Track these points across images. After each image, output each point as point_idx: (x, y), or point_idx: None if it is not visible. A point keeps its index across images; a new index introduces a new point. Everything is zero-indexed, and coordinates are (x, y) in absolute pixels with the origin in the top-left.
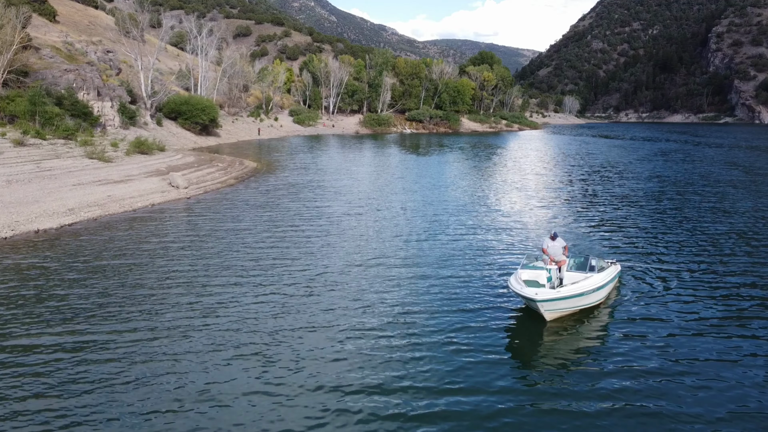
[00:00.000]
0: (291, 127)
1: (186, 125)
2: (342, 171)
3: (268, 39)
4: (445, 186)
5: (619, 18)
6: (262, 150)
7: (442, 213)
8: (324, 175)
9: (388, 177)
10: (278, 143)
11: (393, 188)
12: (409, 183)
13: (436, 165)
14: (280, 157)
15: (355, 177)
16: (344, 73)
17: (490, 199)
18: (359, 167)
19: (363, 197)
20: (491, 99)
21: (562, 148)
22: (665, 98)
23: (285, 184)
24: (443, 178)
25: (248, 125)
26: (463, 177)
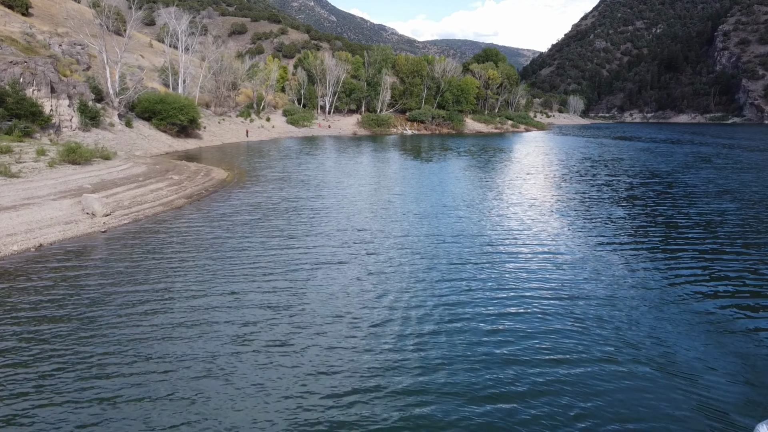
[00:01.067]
0: (284, 127)
1: (161, 126)
2: (329, 184)
3: (264, 37)
4: (460, 207)
5: (622, 17)
6: (246, 154)
7: (462, 256)
8: (306, 190)
9: (387, 194)
10: (267, 146)
11: (393, 212)
12: (413, 203)
13: (444, 176)
14: (261, 163)
15: (345, 193)
16: (341, 70)
17: (523, 228)
18: (352, 179)
19: (353, 227)
20: (496, 98)
21: (584, 153)
22: (670, 98)
23: (251, 204)
24: (455, 195)
25: (236, 126)
26: (479, 193)
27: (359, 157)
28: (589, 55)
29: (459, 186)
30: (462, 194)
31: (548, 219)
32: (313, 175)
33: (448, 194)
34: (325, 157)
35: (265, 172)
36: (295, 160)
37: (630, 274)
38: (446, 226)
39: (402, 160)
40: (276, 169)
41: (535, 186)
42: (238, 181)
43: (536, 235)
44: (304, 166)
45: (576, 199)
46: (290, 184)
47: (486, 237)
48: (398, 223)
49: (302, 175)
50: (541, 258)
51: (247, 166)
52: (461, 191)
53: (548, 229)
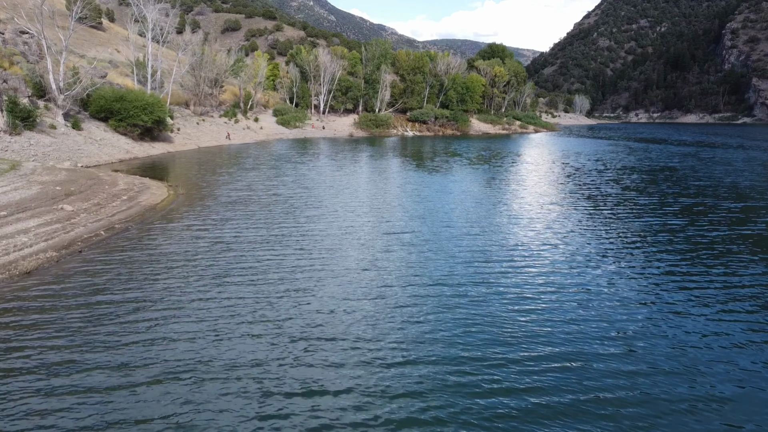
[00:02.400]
0: (273, 129)
1: (120, 128)
2: (304, 209)
3: (258, 33)
4: (480, 251)
5: (626, 15)
6: (216, 162)
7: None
8: (268, 220)
9: (384, 227)
10: (249, 150)
11: (393, 266)
12: (419, 245)
13: (455, 191)
14: (227, 174)
15: (322, 232)
16: (337, 66)
17: (564, 271)
18: (337, 198)
19: (328, 306)
20: (503, 97)
21: (621, 160)
22: (677, 97)
23: (168, 254)
24: (473, 223)
25: (218, 127)
26: (502, 219)
27: (351, 166)
28: (592, 53)
29: (474, 205)
30: (478, 219)
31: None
32: (287, 194)
33: (465, 218)
34: (310, 165)
35: (223, 189)
36: (273, 169)
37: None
38: (473, 275)
39: (403, 171)
40: (241, 184)
41: (585, 213)
42: (176, 207)
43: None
44: (279, 179)
45: (659, 236)
46: (250, 210)
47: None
48: (418, 283)
49: (271, 194)
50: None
51: (207, 178)
52: (478, 214)
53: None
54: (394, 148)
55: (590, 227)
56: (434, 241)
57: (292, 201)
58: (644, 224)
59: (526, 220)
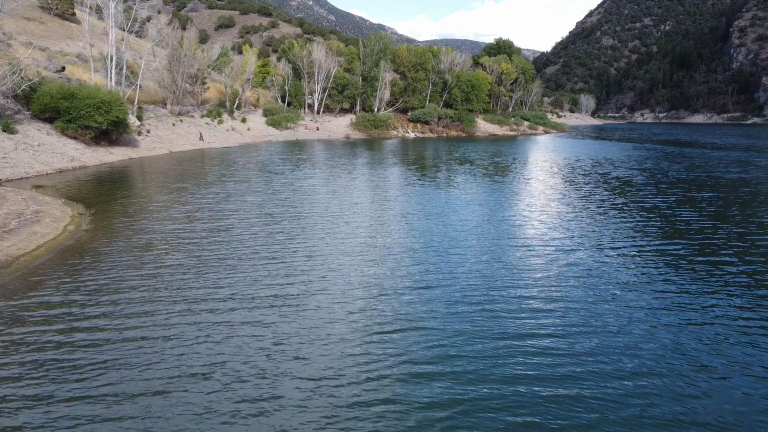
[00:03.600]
0: (262, 130)
1: (69, 131)
2: (259, 266)
3: (252, 30)
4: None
5: (629, 13)
6: (181, 170)
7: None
8: (186, 295)
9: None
10: (227, 155)
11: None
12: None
13: (476, 222)
14: (175, 191)
15: (286, 336)
16: (332, 63)
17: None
18: (318, 240)
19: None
20: (510, 96)
21: (667, 170)
22: (684, 97)
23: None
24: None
25: (199, 129)
26: (550, 268)
27: (343, 179)
28: (596, 52)
29: (497, 242)
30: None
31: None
32: (239, 230)
33: (487, 271)
34: (291, 177)
35: (153, 218)
36: (240, 183)
37: None
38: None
39: (407, 189)
40: (184, 209)
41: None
42: (53, 259)
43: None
44: (239, 201)
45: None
46: (166, 266)
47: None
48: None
49: (217, 228)
50: None
51: (144, 197)
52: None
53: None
54: (395, 152)
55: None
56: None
57: (244, 244)
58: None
59: (586, 269)
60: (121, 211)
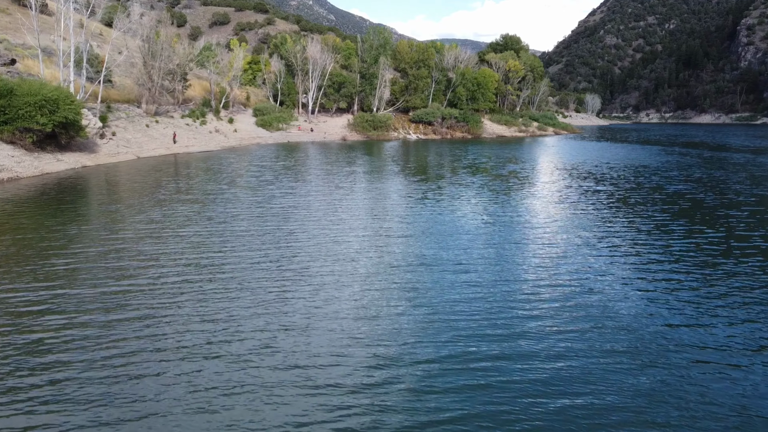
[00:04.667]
0: (251, 131)
1: (5, 134)
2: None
3: (247, 27)
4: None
5: (633, 12)
6: (126, 184)
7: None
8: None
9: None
10: (204, 162)
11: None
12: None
13: (495, 253)
14: (104, 215)
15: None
16: (328, 59)
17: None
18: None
19: None
20: (517, 95)
21: (709, 178)
22: (691, 97)
23: None
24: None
25: (178, 131)
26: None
27: (332, 195)
28: (599, 51)
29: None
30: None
31: None
32: (167, 292)
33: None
34: (268, 190)
35: (38, 276)
36: (193, 204)
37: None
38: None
39: (406, 199)
40: (96, 252)
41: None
42: None
43: None
44: (183, 233)
45: None
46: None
47: None
48: None
49: (124, 298)
50: None
51: (49, 230)
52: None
53: None
54: (396, 157)
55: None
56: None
57: (159, 329)
58: None
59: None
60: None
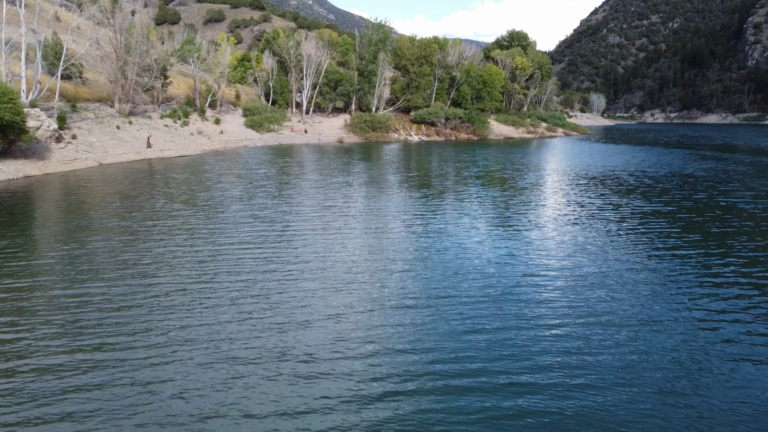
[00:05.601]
0: (239, 133)
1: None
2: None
3: (243, 24)
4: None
5: (635, 10)
6: (82, 196)
7: None
8: None
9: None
10: (172, 170)
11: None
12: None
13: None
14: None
15: None
16: (324, 55)
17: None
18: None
19: None
20: (524, 93)
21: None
22: (696, 96)
23: None
24: None
25: (155, 133)
26: None
27: (310, 224)
28: (602, 50)
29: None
30: None
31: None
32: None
33: None
34: (239, 208)
35: None
36: (127, 236)
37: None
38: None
39: (409, 221)
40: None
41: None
42: None
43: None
44: (104, 282)
45: None
46: None
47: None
48: None
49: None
50: None
51: None
52: None
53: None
54: (397, 163)
55: None
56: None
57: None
58: None
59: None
60: None
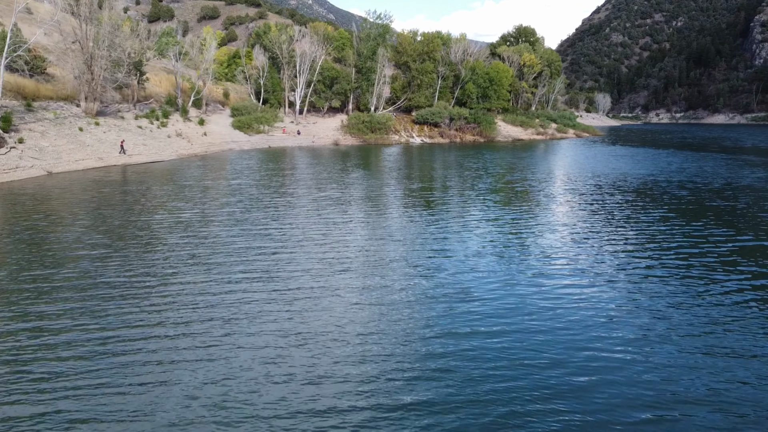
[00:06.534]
0: (225, 135)
1: None
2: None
3: (238, 21)
4: None
5: (639, 9)
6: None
7: None
8: None
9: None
10: (128, 182)
11: None
12: None
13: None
14: None
15: None
16: (319, 50)
17: None
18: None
19: None
20: (532, 92)
21: None
22: (702, 96)
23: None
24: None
25: (126, 135)
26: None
27: (287, 268)
28: (605, 50)
29: None
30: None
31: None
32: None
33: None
34: (172, 254)
35: None
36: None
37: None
38: None
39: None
40: None
41: None
42: None
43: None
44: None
45: None
46: None
47: None
48: None
49: None
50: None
51: None
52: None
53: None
54: (397, 171)
55: None
56: None
57: None
58: None
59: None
60: None
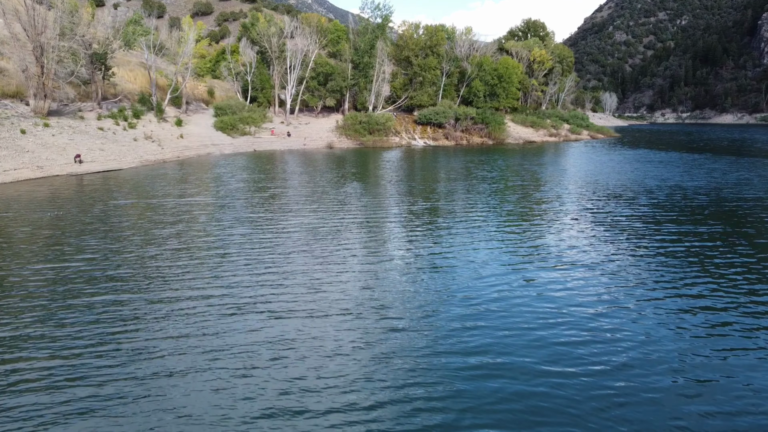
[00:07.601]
0: (205, 137)
1: None
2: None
3: (231, 17)
4: None
5: (642, 7)
6: None
7: None
8: None
9: None
10: (42, 204)
11: None
12: None
13: None
14: None
15: None
16: (312, 44)
17: None
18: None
19: None
20: (543, 90)
21: None
22: (709, 95)
23: None
24: None
25: (83, 138)
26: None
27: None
28: (608, 48)
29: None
30: None
31: None
32: None
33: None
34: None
35: None
36: None
37: None
38: None
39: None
40: None
41: None
42: None
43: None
44: None
45: None
46: None
47: None
48: None
49: None
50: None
51: None
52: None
53: None
54: (397, 182)
55: None
56: None
57: None
58: None
59: None
60: None
